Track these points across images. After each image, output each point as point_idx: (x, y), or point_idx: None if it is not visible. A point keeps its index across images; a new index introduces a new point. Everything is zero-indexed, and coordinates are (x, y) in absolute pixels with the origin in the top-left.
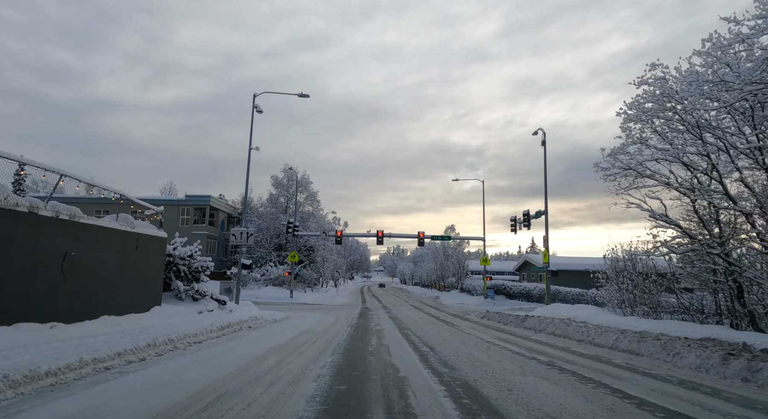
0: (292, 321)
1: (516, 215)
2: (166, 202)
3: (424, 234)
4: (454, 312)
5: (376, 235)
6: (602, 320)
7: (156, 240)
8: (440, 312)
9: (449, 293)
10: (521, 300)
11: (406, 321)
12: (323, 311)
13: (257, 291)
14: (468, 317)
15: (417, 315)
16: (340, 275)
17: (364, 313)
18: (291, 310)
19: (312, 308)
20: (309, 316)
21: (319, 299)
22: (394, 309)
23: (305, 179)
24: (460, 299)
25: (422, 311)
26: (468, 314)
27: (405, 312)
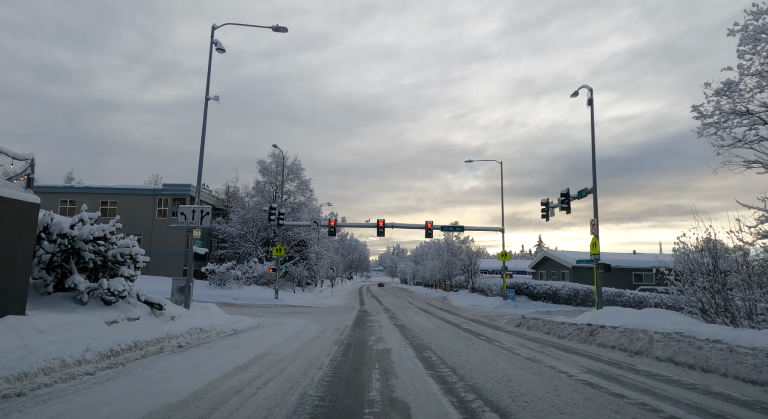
0: (261, 332)
1: (547, 199)
2: (139, 191)
3: (433, 224)
4: (474, 317)
5: (377, 225)
6: (734, 335)
7: (14, 207)
8: (457, 317)
9: (458, 293)
10: (546, 302)
11: (420, 333)
12: (310, 316)
13: (237, 291)
14: (497, 324)
15: (430, 322)
16: (335, 272)
17: (361, 319)
18: (271, 314)
19: (297, 313)
20: (288, 324)
21: (309, 300)
22: (398, 313)
23: (296, 165)
24: (473, 301)
25: (434, 317)
26: (494, 320)
27: (413, 318)
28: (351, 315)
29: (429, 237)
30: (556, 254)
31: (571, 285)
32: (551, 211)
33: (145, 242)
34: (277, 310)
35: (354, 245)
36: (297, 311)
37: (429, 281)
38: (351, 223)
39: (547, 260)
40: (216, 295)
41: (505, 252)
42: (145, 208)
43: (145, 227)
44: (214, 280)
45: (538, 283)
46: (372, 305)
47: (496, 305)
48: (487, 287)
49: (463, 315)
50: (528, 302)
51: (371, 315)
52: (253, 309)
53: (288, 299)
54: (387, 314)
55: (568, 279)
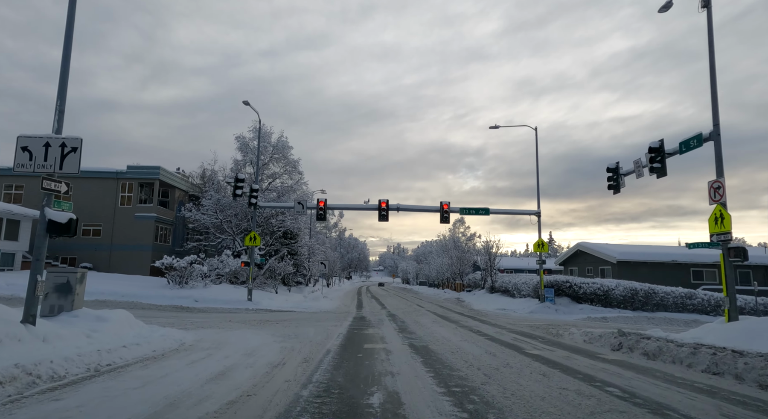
0: (156, 368)
1: (616, 163)
2: (98, 174)
3: (450, 206)
4: (519, 328)
5: (379, 206)
6: None
7: None
8: (497, 329)
9: (473, 293)
10: (594, 304)
11: (466, 368)
12: (283, 327)
13: (200, 292)
14: (574, 344)
15: (466, 340)
16: (326, 267)
17: (356, 334)
18: (228, 324)
19: (266, 322)
20: (233, 345)
21: (294, 303)
22: (409, 322)
23: (282, 143)
24: (497, 303)
25: (463, 328)
26: (556, 334)
27: (433, 330)
28: (342, 326)
29: (445, 222)
30: (593, 247)
31: (626, 284)
32: (622, 180)
33: (106, 234)
34: (242, 317)
35: (353, 244)
36: (268, 319)
37: (435, 280)
38: (347, 204)
39: (581, 255)
40: (171, 297)
41: (542, 241)
42: (106, 194)
43: (105, 216)
44: (174, 278)
45: (583, 281)
46: (372, 308)
47: (530, 309)
48: (513, 286)
49: (501, 324)
50: (572, 306)
51: (371, 326)
52: (211, 316)
53: (265, 302)
54: (394, 323)
55: (610, 277)
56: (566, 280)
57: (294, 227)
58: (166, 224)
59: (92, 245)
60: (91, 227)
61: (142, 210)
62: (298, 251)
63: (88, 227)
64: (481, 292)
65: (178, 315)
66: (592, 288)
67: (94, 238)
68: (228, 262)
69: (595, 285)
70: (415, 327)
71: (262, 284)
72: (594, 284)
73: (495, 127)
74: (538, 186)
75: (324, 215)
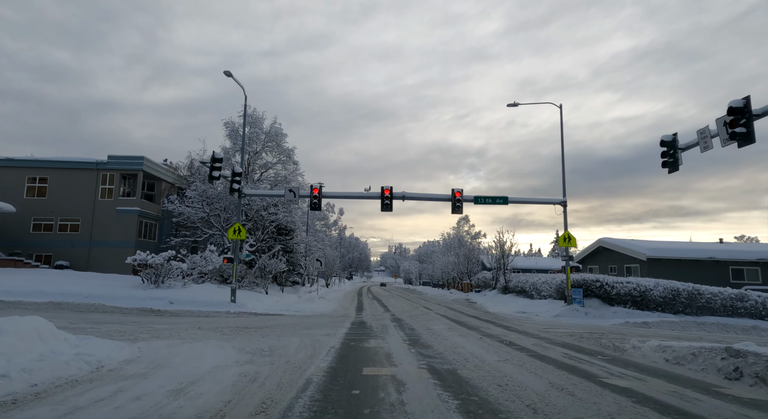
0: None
1: (674, 135)
2: (77, 164)
3: (462, 194)
4: (564, 340)
5: (382, 194)
6: None
7: None
8: (539, 342)
9: (483, 294)
10: (628, 307)
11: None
12: (261, 337)
13: (178, 292)
14: (663, 367)
15: (516, 368)
16: (322, 265)
17: (354, 346)
18: (193, 333)
19: (244, 330)
20: (174, 370)
21: (285, 305)
22: (421, 330)
23: (276, 130)
24: (514, 305)
25: (495, 340)
26: (622, 350)
27: (458, 344)
28: (336, 336)
29: (457, 212)
30: (618, 243)
31: (666, 284)
32: (680, 156)
33: (84, 229)
34: (217, 323)
35: (354, 244)
36: (248, 325)
37: (439, 280)
38: (345, 192)
39: (602, 252)
40: (142, 298)
41: (568, 235)
42: (85, 186)
43: (84, 210)
44: (148, 276)
45: (617, 281)
46: (374, 311)
47: (556, 312)
48: (530, 286)
49: (531, 332)
50: (603, 308)
51: (373, 336)
52: (182, 320)
53: (251, 304)
54: (401, 331)
55: (638, 276)
56: (596, 279)
57: (288, 221)
58: (151, 220)
59: (69, 241)
60: (69, 222)
61: (125, 204)
62: (293, 249)
63: (65, 221)
64: (492, 293)
65: (141, 320)
66: (626, 289)
67: (71, 234)
68: (212, 259)
69: (630, 285)
70: (429, 337)
71: (250, 284)
72: (629, 284)
73: (514, 104)
74: (564, 171)
75: (318, 204)
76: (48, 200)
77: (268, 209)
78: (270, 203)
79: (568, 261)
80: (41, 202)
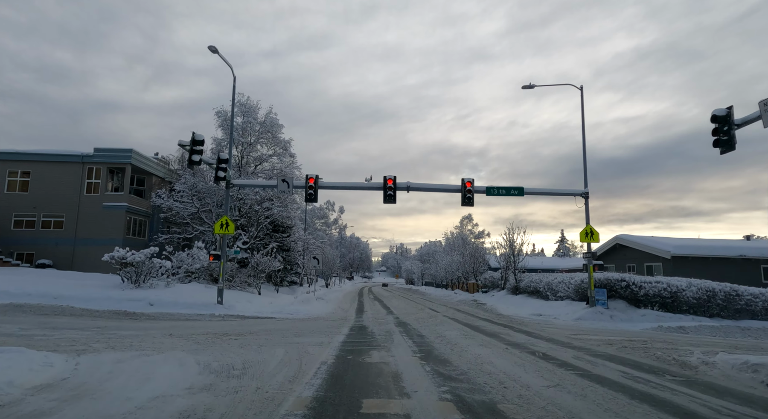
0: None
1: (728, 110)
2: (61, 157)
3: (473, 184)
4: (603, 350)
5: (384, 184)
6: None
7: None
8: (579, 354)
9: (491, 295)
10: (657, 309)
11: None
12: (239, 347)
13: (161, 292)
14: (761, 393)
15: (572, 398)
16: (319, 263)
17: (352, 362)
18: (162, 341)
19: (222, 337)
20: (98, 402)
21: (279, 306)
22: (431, 337)
23: (271, 120)
24: (529, 306)
25: (523, 351)
26: (686, 364)
27: (482, 358)
28: (330, 346)
29: (467, 204)
30: (638, 240)
31: (700, 284)
32: (734, 133)
33: (69, 226)
34: (195, 328)
35: (355, 244)
36: (229, 331)
37: (443, 280)
38: (345, 183)
39: (619, 250)
40: (118, 299)
41: (591, 229)
42: (70, 180)
43: (68, 205)
44: (128, 275)
45: (645, 280)
46: (375, 314)
47: (577, 314)
48: (545, 286)
49: (560, 339)
50: (630, 311)
51: (375, 345)
52: (156, 325)
53: (240, 306)
54: (408, 338)
55: (660, 275)
56: (621, 278)
57: (283, 216)
58: (141, 216)
59: (53, 239)
60: (52, 219)
61: (112, 199)
62: (290, 247)
63: (48, 218)
64: (501, 293)
65: (109, 325)
66: (656, 289)
67: (55, 231)
68: (199, 256)
69: (660, 285)
70: (444, 347)
71: (242, 284)
72: (659, 284)
73: (530, 86)
74: (585, 159)
75: (315, 195)
76: (30, 195)
77: (262, 204)
78: (264, 197)
79: (591, 258)
80: (23, 197)
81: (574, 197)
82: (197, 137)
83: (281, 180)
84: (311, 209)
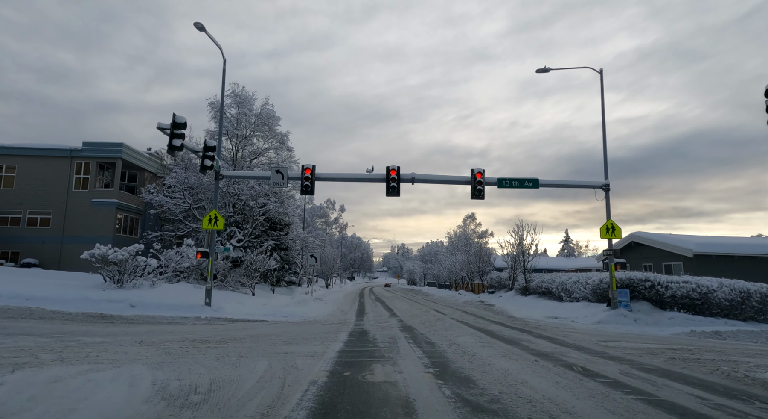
0: None
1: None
2: (49, 152)
3: (484, 175)
4: (651, 362)
5: (387, 175)
6: None
7: None
8: (629, 370)
9: (499, 296)
10: (685, 311)
11: None
12: (215, 358)
13: (145, 293)
14: None
15: None
16: (317, 261)
17: (349, 381)
18: (129, 349)
19: (200, 344)
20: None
21: (273, 308)
22: (442, 345)
23: (268, 112)
24: (542, 308)
25: (557, 364)
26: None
27: (510, 375)
28: (324, 356)
29: (477, 197)
30: (656, 237)
31: (732, 284)
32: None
33: (56, 223)
34: (173, 333)
35: (356, 244)
36: (210, 337)
37: (446, 280)
38: (344, 174)
39: (635, 249)
40: (96, 300)
41: (612, 224)
42: (57, 176)
43: (56, 202)
44: (111, 274)
45: (671, 280)
46: (378, 316)
47: (598, 317)
48: (558, 287)
49: (590, 347)
50: (655, 313)
51: (378, 356)
52: (133, 329)
53: (230, 308)
54: (416, 347)
55: (680, 274)
56: (645, 278)
57: (279, 213)
58: (132, 213)
59: (39, 237)
60: (38, 216)
61: (101, 195)
62: (288, 246)
63: (35, 215)
64: (509, 294)
65: (76, 330)
66: (684, 290)
67: (41, 229)
68: (188, 254)
69: (689, 285)
70: (461, 360)
71: (235, 284)
72: (687, 284)
73: (545, 70)
74: (605, 147)
75: (311, 187)
76: (16, 191)
77: (257, 199)
78: (259, 191)
79: (612, 256)
80: (8, 193)
81: (594, 190)
82: (178, 119)
83: (275, 171)
84: (311, 208)
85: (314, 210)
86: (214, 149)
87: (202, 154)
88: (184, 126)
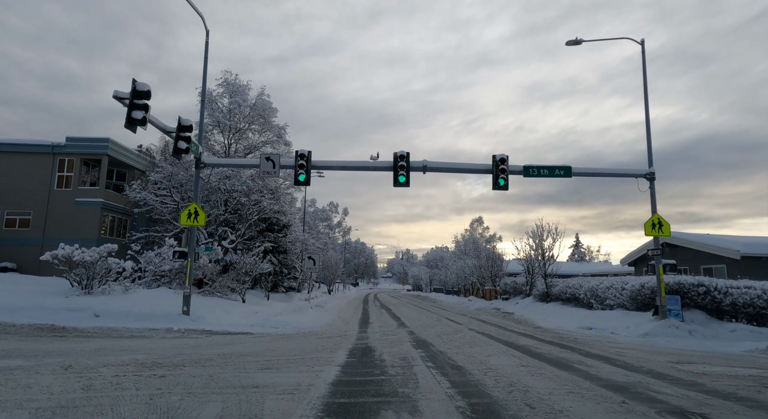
0: None
1: None
2: (29, 147)
3: (507, 162)
4: None
5: (394, 163)
6: None
7: None
8: None
9: (515, 302)
10: (747, 322)
11: None
12: (150, 397)
13: (113, 299)
14: None
15: None
16: (315, 264)
17: None
18: (28, 378)
19: (147, 370)
20: None
21: (264, 317)
22: (474, 371)
23: (263, 103)
24: (569, 317)
25: (663, 413)
26: None
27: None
28: (307, 398)
29: (499, 188)
30: (694, 238)
31: None
32: None
33: (37, 224)
34: (124, 353)
35: (360, 249)
36: (169, 359)
37: (453, 286)
38: (345, 162)
39: (668, 250)
40: (55, 309)
41: (658, 219)
42: (38, 173)
43: (36, 202)
44: (78, 278)
45: (730, 285)
46: (384, 327)
47: (644, 329)
48: (588, 292)
49: (690, 379)
50: (713, 325)
51: (389, 395)
52: (81, 346)
53: (212, 317)
54: (440, 376)
55: (724, 278)
56: (699, 283)
57: (274, 211)
58: (120, 213)
59: (18, 239)
60: (17, 217)
61: (86, 194)
62: (287, 248)
63: (13, 215)
64: (527, 300)
65: (7, 347)
66: (747, 296)
67: (20, 230)
68: (170, 255)
69: (754, 291)
70: (511, 399)
71: (224, 289)
72: (751, 290)
73: (576, 42)
74: (649, 131)
75: (307, 176)
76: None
77: (250, 196)
78: (252, 187)
79: (660, 256)
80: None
81: (636, 179)
82: (140, 86)
83: (265, 158)
84: (313, 211)
85: (316, 213)
86: (190, 130)
87: (176, 134)
88: (148, 95)
